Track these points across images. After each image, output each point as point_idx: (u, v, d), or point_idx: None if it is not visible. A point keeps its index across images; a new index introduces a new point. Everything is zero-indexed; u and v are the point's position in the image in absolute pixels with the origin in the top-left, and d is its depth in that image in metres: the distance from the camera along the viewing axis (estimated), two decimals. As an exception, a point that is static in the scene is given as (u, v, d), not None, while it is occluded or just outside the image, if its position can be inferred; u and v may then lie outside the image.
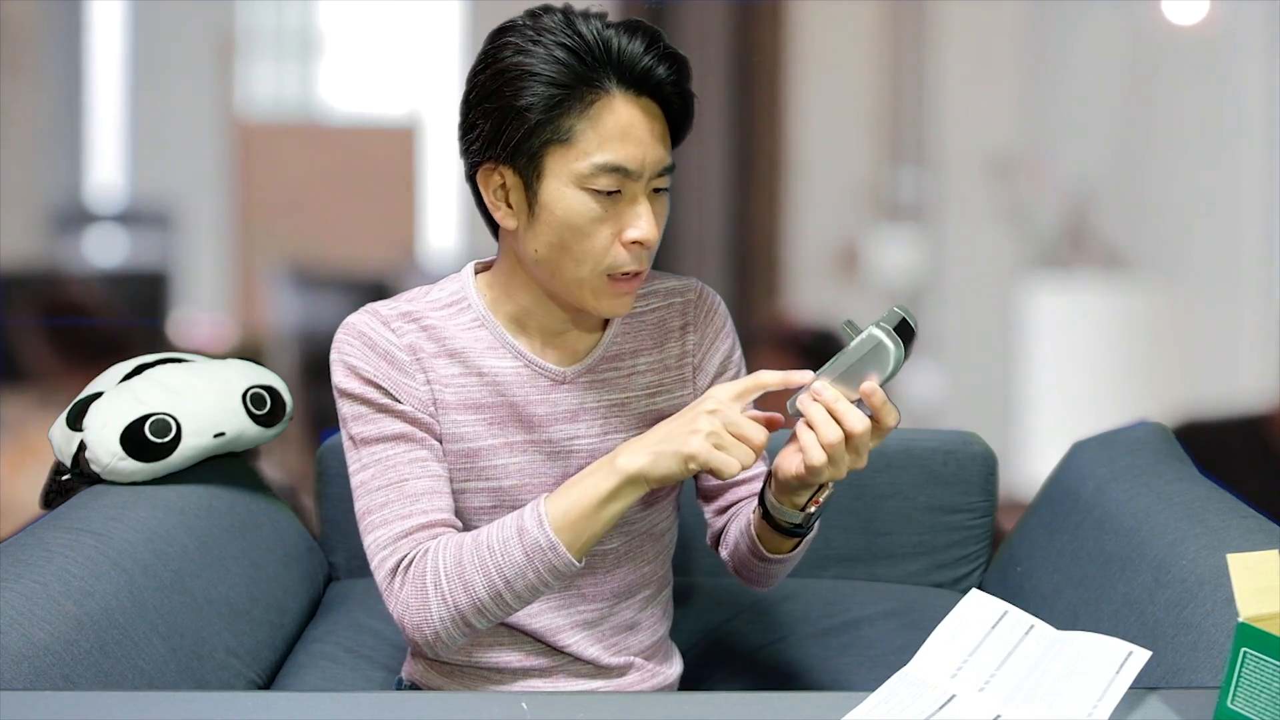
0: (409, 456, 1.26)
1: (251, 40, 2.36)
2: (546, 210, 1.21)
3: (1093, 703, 0.98)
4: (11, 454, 2.15)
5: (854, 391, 1.14)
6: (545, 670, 1.34)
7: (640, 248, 1.21)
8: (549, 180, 1.20)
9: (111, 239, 2.32)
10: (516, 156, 1.20)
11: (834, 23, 2.38)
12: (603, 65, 1.18)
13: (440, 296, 1.32)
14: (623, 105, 1.19)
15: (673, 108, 1.23)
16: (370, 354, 1.26)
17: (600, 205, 1.20)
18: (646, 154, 1.20)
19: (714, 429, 1.15)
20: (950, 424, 2.21)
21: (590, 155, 1.18)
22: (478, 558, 1.19)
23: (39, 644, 1.20)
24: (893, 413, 1.15)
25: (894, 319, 1.13)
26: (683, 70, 1.22)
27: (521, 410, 1.29)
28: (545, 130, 1.18)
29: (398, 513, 1.24)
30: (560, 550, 1.18)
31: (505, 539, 1.19)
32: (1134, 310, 2.41)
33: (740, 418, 1.16)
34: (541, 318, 1.30)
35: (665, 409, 1.35)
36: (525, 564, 1.18)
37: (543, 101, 1.17)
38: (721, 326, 1.40)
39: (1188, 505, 1.53)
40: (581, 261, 1.21)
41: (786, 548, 1.30)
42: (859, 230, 2.38)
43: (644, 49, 1.18)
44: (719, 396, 1.17)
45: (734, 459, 1.14)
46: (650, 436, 1.19)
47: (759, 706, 1.06)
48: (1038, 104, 2.37)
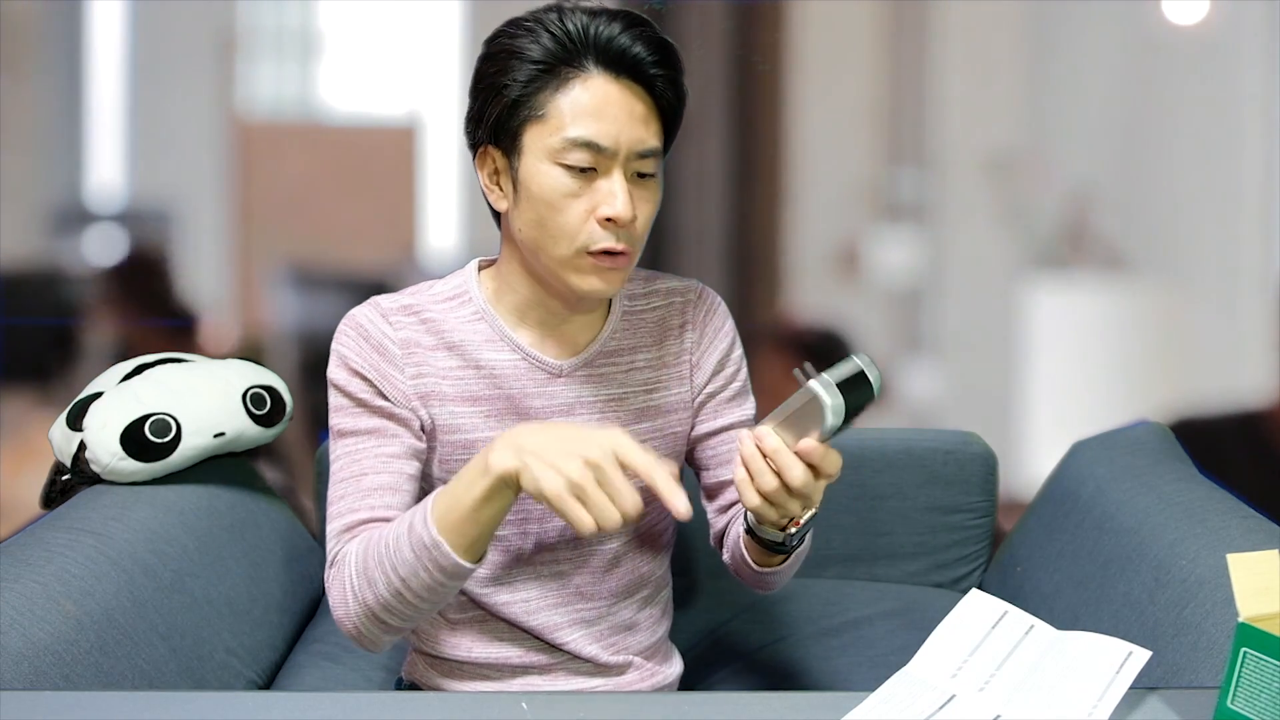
0: (375, 452, 1.26)
1: (252, 40, 2.36)
2: (525, 187, 1.22)
3: (1093, 703, 0.98)
4: (11, 454, 2.15)
5: (795, 442, 1.11)
6: (544, 668, 1.35)
7: (615, 225, 1.21)
8: (527, 157, 1.22)
9: (111, 239, 2.32)
10: (501, 136, 1.23)
11: (834, 23, 2.38)
12: (584, 47, 1.20)
13: (443, 290, 1.33)
14: (599, 83, 1.20)
15: (657, 91, 1.23)
16: (363, 345, 1.27)
17: (574, 181, 1.20)
18: (621, 132, 1.20)
19: (580, 480, 1.04)
20: (950, 424, 2.21)
21: (563, 130, 1.20)
22: (378, 554, 1.17)
23: (39, 644, 1.20)
24: (834, 463, 1.11)
25: (847, 370, 1.08)
26: (667, 54, 1.23)
27: (519, 403, 1.30)
28: (524, 107, 1.21)
29: (349, 506, 1.24)
30: (444, 549, 1.12)
31: (398, 535, 1.16)
32: (1134, 310, 2.41)
33: (617, 477, 1.04)
34: (540, 308, 1.30)
35: (662, 405, 1.36)
36: (415, 562, 1.14)
37: (523, 80, 1.20)
38: (720, 326, 1.40)
39: (1188, 505, 1.53)
40: (558, 239, 1.22)
41: (775, 562, 1.29)
42: (859, 230, 2.38)
43: (622, 30, 1.20)
44: (618, 440, 1.06)
45: (588, 518, 1.04)
46: (532, 438, 1.09)
47: (759, 706, 1.06)
48: (1038, 104, 2.37)
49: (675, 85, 1.24)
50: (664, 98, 1.24)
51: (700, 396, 1.39)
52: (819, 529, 1.71)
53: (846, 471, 1.15)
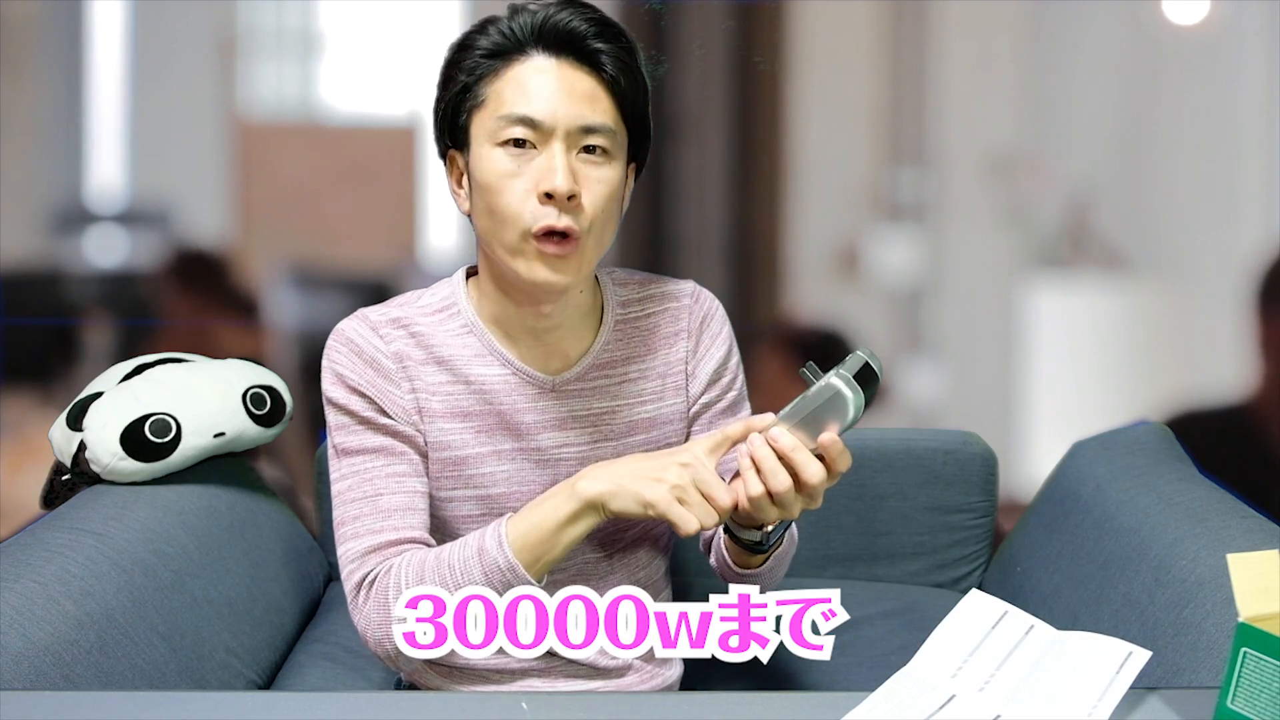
0: (386, 471, 1.26)
1: (252, 40, 2.36)
2: (474, 178, 1.23)
3: (1093, 703, 0.98)
4: (11, 454, 2.15)
5: (812, 440, 1.12)
6: (544, 670, 1.34)
7: (556, 202, 1.19)
8: (474, 147, 1.22)
9: (111, 239, 2.32)
10: (455, 133, 1.24)
11: (834, 23, 2.38)
12: (528, 35, 1.21)
13: (431, 302, 1.31)
14: (538, 61, 1.21)
15: (603, 68, 1.21)
16: (357, 361, 1.26)
17: (513, 160, 1.20)
18: (559, 107, 1.19)
19: (680, 483, 1.13)
20: (950, 424, 2.21)
21: (500, 110, 1.20)
22: (438, 577, 1.19)
23: (39, 644, 1.20)
24: (847, 460, 1.14)
25: (855, 364, 1.11)
26: (607, 29, 1.22)
27: (509, 418, 1.29)
28: (469, 98, 1.22)
29: (369, 527, 1.24)
30: (520, 572, 1.17)
31: (466, 558, 1.19)
32: (1134, 310, 2.41)
33: (711, 477, 1.14)
34: (515, 320, 1.29)
35: (656, 417, 1.34)
36: (484, 585, 1.17)
37: (469, 71, 1.21)
38: (717, 333, 1.37)
39: (1188, 505, 1.53)
40: (504, 223, 1.20)
41: (756, 563, 1.29)
42: (859, 230, 2.38)
43: (560, 8, 1.20)
44: (695, 451, 1.16)
45: (693, 517, 1.13)
46: (619, 466, 1.18)
47: (759, 706, 1.06)
48: (1038, 104, 2.37)
49: (622, 62, 1.22)
50: (610, 74, 1.22)
51: (696, 407, 1.37)
52: (819, 529, 1.71)
53: (847, 472, 1.16)
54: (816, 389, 1.10)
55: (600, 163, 1.22)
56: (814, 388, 1.11)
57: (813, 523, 1.44)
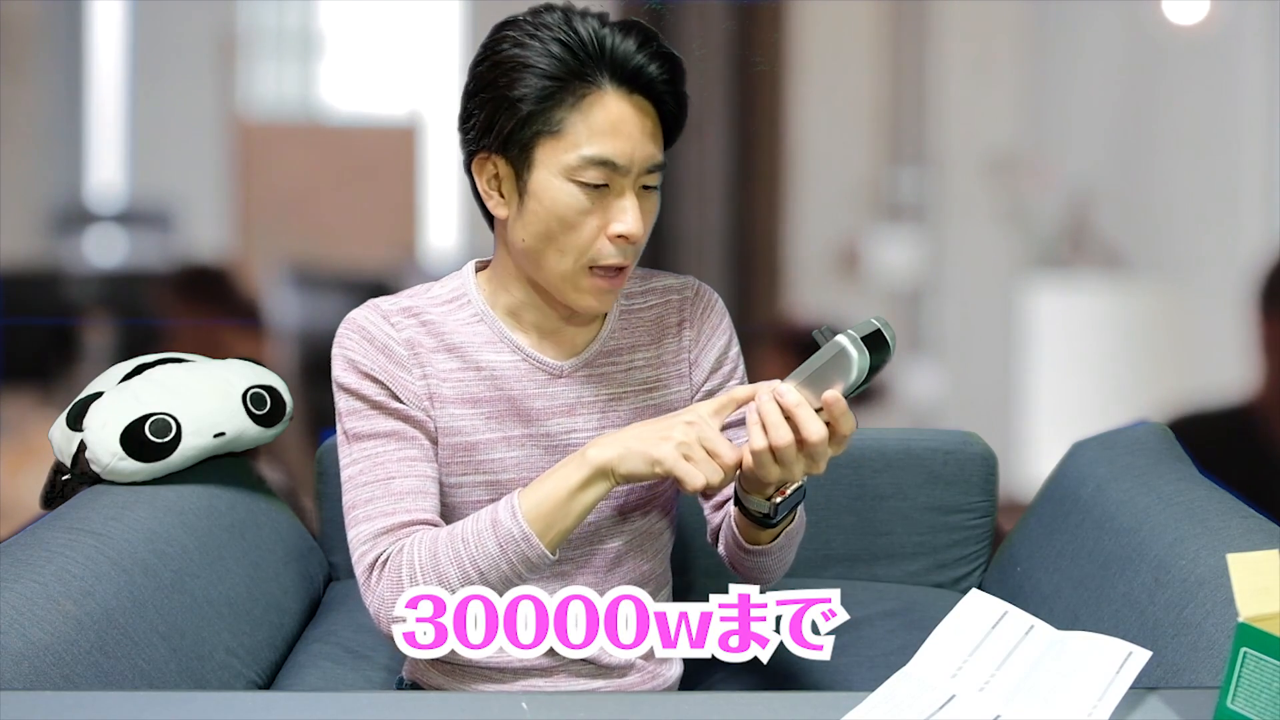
0: (398, 455, 1.26)
1: (252, 40, 2.36)
2: (535, 200, 1.22)
3: (1093, 703, 0.98)
4: (11, 454, 2.15)
5: (817, 399, 1.13)
6: (545, 670, 1.34)
7: (625, 242, 1.22)
8: (539, 171, 1.21)
9: (111, 239, 2.32)
10: (509, 146, 1.22)
11: (834, 23, 2.38)
12: (596, 61, 1.20)
13: (441, 293, 1.34)
14: (614, 101, 1.20)
15: (665, 107, 1.24)
16: (369, 348, 1.27)
17: (588, 198, 1.21)
18: (635, 150, 1.21)
19: (686, 439, 1.15)
20: (950, 424, 2.20)
21: (579, 148, 1.20)
22: (452, 550, 1.19)
23: (38, 644, 1.20)
24: (850, 423, 1.14)
25: (866, 329, 1.12)
26: (676, 70, 1.24)
27: (519, 404, 1.30)
28: (537, 121, 1.20)
29: (381, 510, 1.24)
30: (534, 541, 1.18)
31: (479, 531, 1.20)
32: (1134, 310, 2.41)
33: (716, 435, 1.16)
34: (534, 313, 1.31)
35: (662, 404, 1.37)
36: (499, 555, 1.18)
37: (535, 93, 1.19)
38: (718, 324, 1.41)
39: (1188, 505, 1.53)
40: (565, 253, 1.23)
41: (765, 539, 1.30)
42: (859, 230, 2.38)
43: (637, 47, 1.20)
44: (700, 411, 1.17)
45: (699, 473, 1.14)
46: (626, 433, 1.19)
47: (759, 706, 1.06)
48: (1038, 104, 2.37)
49: (680, 100, 1.26)
50: (669, 111, 1.25)
51: (699, 394, 1.40)
52: (819, 529, 1.71)
53: (846, 471, 1.16)
54: (823, 349, 1.12)
55: (652, 195, 1.26)
56: (821, 349, 1.13)
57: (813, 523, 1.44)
